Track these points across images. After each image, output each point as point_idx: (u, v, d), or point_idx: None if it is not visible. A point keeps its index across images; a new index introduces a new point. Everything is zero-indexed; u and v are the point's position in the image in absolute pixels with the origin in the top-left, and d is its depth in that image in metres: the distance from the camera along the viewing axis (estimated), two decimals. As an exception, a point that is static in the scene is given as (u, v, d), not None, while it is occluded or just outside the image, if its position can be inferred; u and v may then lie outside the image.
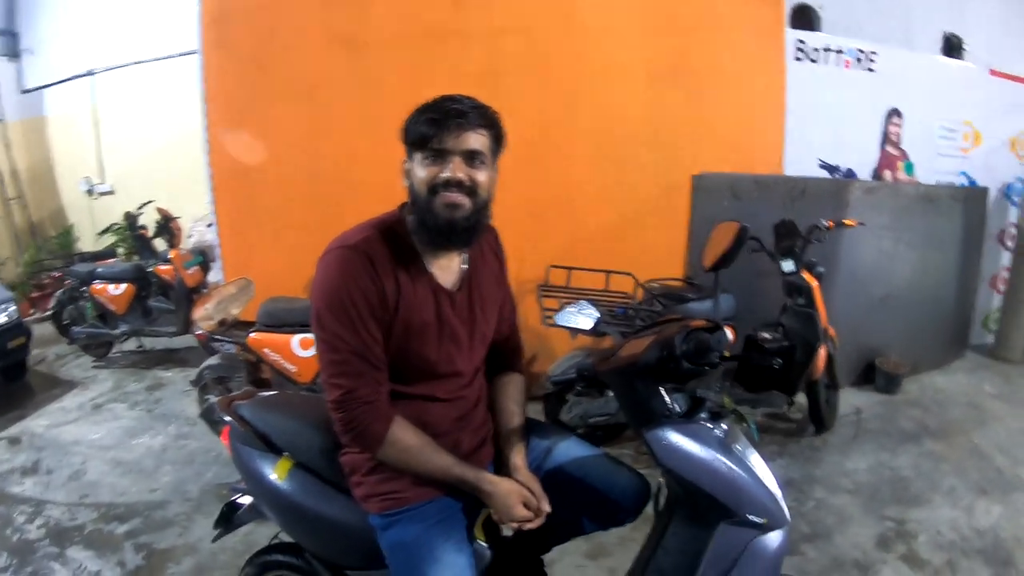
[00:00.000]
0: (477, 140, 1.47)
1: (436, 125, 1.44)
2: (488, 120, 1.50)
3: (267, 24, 4.47)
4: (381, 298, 1.48)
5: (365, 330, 1.47)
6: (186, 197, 6.09)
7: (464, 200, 1.47)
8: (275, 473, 1.72)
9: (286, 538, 1.91)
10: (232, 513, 1.96)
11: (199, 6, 4.48)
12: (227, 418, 1.87)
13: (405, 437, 1.53)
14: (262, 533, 2.67)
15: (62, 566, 2.82)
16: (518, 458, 1.67)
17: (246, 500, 1.93)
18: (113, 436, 4.12)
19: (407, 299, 1.52)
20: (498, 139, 1.54)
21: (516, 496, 1.55)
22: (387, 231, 1.54)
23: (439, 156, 1.46)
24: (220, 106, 4.57)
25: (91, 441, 4.06)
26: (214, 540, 2.07)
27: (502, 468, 1.68)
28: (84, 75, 7.78)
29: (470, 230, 1.52)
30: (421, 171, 1.48)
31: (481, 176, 1.49)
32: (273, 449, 1.77)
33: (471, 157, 1.47)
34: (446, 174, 1.45)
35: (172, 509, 3.25)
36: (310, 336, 3.30)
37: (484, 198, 1.52)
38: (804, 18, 5.20)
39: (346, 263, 1.47)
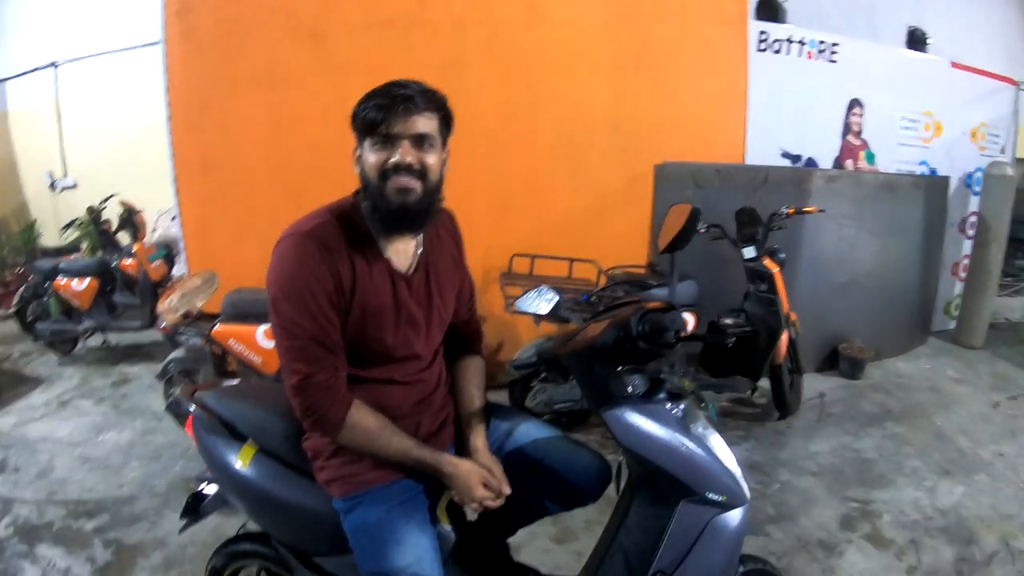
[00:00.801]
0: (425, 123, 1.48)
1: (384, 110, 1.44)
2: (435, 103, 1.51)
3: (231, 15, 4.41)
4: (337, 284, 1.49)
5: (322, 316, 1.48)
6: (150, 190, 5.99)
7: (415, 184, 1.48)
8: (239, 460, 1.72)
9: (253, 527, 1.90)
10: (198, 503, 1.93)
11: (162, -4, 4.42)
12: (191, 407, 1.86)
13: (364, 420, 1.53)
14: (231, 525, 2.65)
15: (31, 564, 2.78)
16: (479, 440, 1.68)
17: (212, 489, 1.91)
18: (80, 432, 4.07)
19: (363, 284, 1.53)
20: (447, 121, 1.55)
21: (476, 477, 1.57)
22: (342, 216, 1.54)
23: (388, 141, 1.46)
24: (183, 97, 4.49)
25: (58, 438, 4.00)
26: (181, 531, 2.04)
27: (463, 450, 1.70)
28: (46, 67, 7.64)
29: (422, 213, 1.53)
30: (371, 157, 1.48)
31: (431, 159, 1.50)
32: (237, 436, 1.77)
33: (420, 140, 1.48)
34: (396, 159, 1.46)
35: (140, 504, 3.22)
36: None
37: (435, 181, 1.53)
38: (769, 10, 5.25)
39: (301, 250, 1.46)
